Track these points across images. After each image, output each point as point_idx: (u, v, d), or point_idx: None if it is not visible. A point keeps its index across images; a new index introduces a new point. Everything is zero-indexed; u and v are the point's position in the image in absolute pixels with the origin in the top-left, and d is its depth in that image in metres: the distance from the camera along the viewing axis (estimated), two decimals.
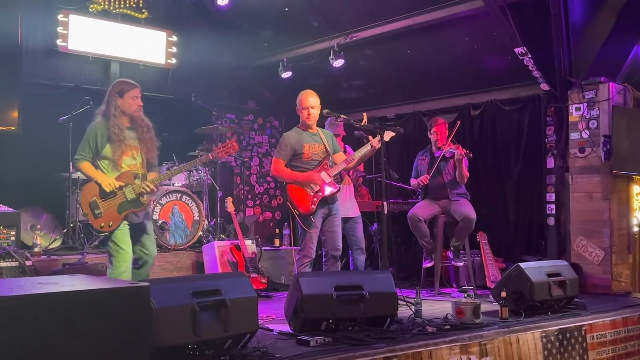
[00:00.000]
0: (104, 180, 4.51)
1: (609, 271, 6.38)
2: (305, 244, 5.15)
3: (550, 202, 7.03)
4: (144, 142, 4.72)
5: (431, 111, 8.11)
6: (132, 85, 4.74)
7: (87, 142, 4.60)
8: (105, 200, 4.51)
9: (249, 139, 9.58)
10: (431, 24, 7.13)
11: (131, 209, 4.59)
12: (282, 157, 5.23)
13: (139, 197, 4.59)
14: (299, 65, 8.31)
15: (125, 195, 4.54)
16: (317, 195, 5.13)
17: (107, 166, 4.60)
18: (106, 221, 4.52)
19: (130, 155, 4.65)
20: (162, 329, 3.06)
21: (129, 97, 4.67)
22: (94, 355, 2.29)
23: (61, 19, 7.54)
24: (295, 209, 5.10)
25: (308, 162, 5.24)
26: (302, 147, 5.22)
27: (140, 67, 8.18)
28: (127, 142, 4.63)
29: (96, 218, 4.52)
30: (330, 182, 5.20)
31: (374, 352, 3.64)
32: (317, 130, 5.37)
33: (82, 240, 6.65)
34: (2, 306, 2.08)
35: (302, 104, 5.28)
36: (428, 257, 6.53)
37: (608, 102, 6.41)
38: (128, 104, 4.66)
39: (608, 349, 5.00)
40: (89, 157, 4.60)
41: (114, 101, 4.64)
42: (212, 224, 7.38)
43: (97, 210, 4.51)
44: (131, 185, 4.56)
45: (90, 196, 4.53)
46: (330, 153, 5.33)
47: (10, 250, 5.23)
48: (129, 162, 4.63)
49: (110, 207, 4.52)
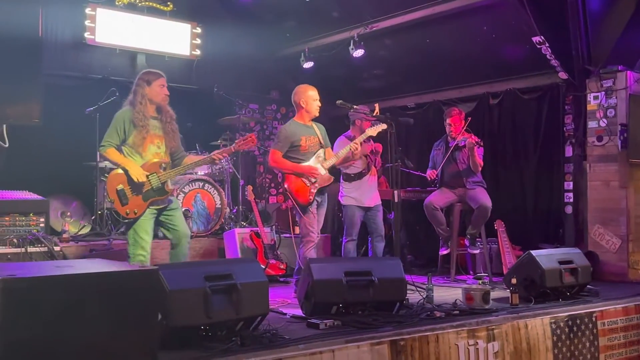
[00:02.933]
0: (133, 170, 4.64)
1: (625, 259, 6.40)
2: (307, 230, 5.32)
3: (568, 190, 7.06)
4: (167, 132, 4.86)
5: (451, 100, 8.16)
6: (158, 74, 4.90)
7: (114, 129, 4.74)
8: (133, 188, 4.66)
9: (271, 129, 9.74)
10: (450, 14, 7.17)
11: (156, 197, 4.73)
12: (279, 148, 5.37)
13: (163, 185, 4.74)
14: (320, 55, 8.42)
15: (151, 183, 4.69)
16: (314, 186, 5.30)
17: (132, 153, 4.74)
18: (131, 208, 4.66)
19: (155, 144, 4.79)
20: (175, 311, 3.24)
21: (156, 86, 4.82)
22: (107, 333, 2.47)
23: (89, 13, 7.77)
24: (295, 199, 5.27)
25: (305, 153, 5.39)
26: (299, 140, 5.37)
27: (166, 59, 8.37)
28: (151, 130, 4.77)
29: (123, 205, 4.65)
30: (326, 174, 5.38)
31: (381, 334, 3.76)
32: (311, 123, 5.52)
33: (109, 227, 6.89)
34: (20, 286, 2.26)
35: (311, 97, 5.43)
36: (444, 244, 6.62)
37: (626, 90, 6.41)
38: (155, 92, 4.81)
39: (619, 335, 5.04)
40: (115, 143, 4.74)
41: (141, 89, 4.79)
42: (234, 212, 7.57)
43: (123, 197, 4.65)
44: (157, 174, 4.71)
45: (116, 183, 4.67)
46: (324, 146, 5.49)
47: (39, 236, 5.45)
48: (153, 150, 4.77)
49: (136, 195, 4.66)
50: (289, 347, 3.44)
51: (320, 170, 5.36)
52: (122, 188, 4.65)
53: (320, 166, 5.38)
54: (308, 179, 5.31)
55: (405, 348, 3.80)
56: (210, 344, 3.34)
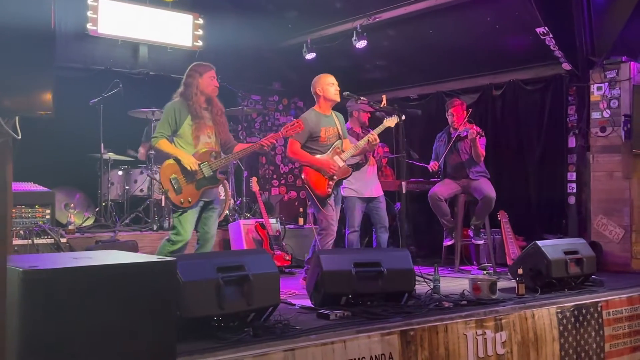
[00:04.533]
0: (186, 159, 4.71)
1: (628, 249, 6.44)
2: (327, 223, 5.30)
3: (571, 181, 7.09)
4: (217, 124, 4.94)
5: (454, 91, 8.17)
6: (209, 67, 4.96)
7: (166, 120, 4.80)
8: (186, 177, 4.72)
9: (274, 120, 9.74)
10: (453, 4, 7.15)
11: (208, 185, 4.80)
12: (298, 138, 5.34)
13: (215, 173, 4.81)
14: (323, 46, 8.40)
15: (203, 172, 4.75)
16: (332, 179, 5.30)
17: (184, 144, 4.81)
18: (185, 197, 4.71)
19: (206, 134, 4.86)
20: (188, 302, 3.27)
21: (207, 77, 4.88)
22: (126, 324, 2.49)
23: (91, 4, 7.73)
24: (313, 191, 5.26)
25: (324, 145, 5.38)
26: (319, 130, 5.35)
27: (168, 50, 8.36)
28: (204, 121, 4.84)
29: (177, 194, 4.71)
30: (344, 167, 5.37)
31: (391, 325, 3.80)
32: (331, 112, 5.50)
33: (114, 219, 6.90)
34: (42, 278, 2.28)
35: (327, 82, 5.42)
36: (449, 235, 6.65)
37: (629, 81, 6.43)
38: (207, 84, 4.87)
39: (624, 325, 5.08)
40: (167, 134, 4.80)
41: (195, 81, 4.85)
42: (238, 203, 7.58)
43: (177, 186, 4.71)
44: (208, 163, 4.77)
45: (170, 172, 4.74)
46: (342, 137, 5.48)
47: (45, 227, 5.46)
48: (205, 140, 4.84)
49: (190, 184, 4.73)
50: (300, 337, 3.47)
51: (338, 163, 5.36)
52: (176, 177, 4.72)
53: (338, 158, 5.37)
54: (325, 171, 5.31)
55: (415, 338, 3.84)
56: (224, 334, 3.37)
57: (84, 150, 7.22)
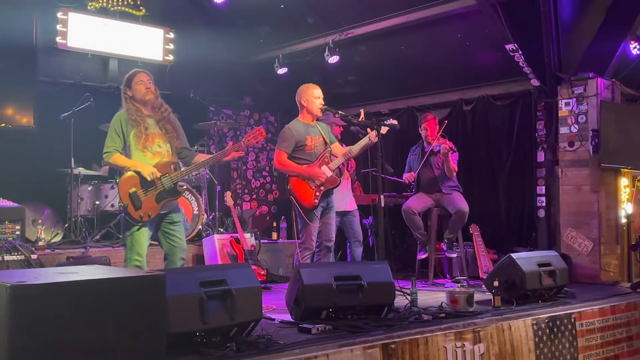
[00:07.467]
0: (145, 169, 4.50)
1: (597, 261, 6.55)
2: (307, 236, 5.27)
3: (540, 194, 7.22)
4: (165, 128, 4.71)
5: (424, 106, 8.27)
6: (135, 72, 4.76)
7: (113, 133, 4.59)
8: (146, 190, 4.51)
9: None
10: (424, 21, 7.27)
11: (168, 198, 4.59)
12: (285, 148, 5.30)
13: (175, 185, 4.61)
14: (295, 61, 8.43)
15: (163, 184, 4.55)
16: (319, 190, 5.26)
17: (136, 156, 4.58)
18: (145, 211, 4.49)
19: (156, 143, 4.65)
20: (171, 317, 3.20)
21: (135, 84, 4.69)
22: (115, 339, 2.45)
23: (60, 17, 7.65)
24: (299, 203, 5.22)
25: (310, 154, 5.34)
26: (305, 139, 5.31)
27: (139, 64, 8.23)
28: (150, 130, 4.64)
29: (136, 209, 4.48)
30: (332, 176, 5.33)
31: (373, 338, 3.80)
32: (315, 123, 5.48)
33: (84, 234, 6.79)
34: (30, 293, 2.23)
35: (312, 95, 5.36)
36: (422, 249, 6.69)
37: (596, 97, 6.58)
38: (136, 90, 4.67)
39: (597, 336, 5.18)
40: (119, 147, 4.58)
41: (124, 93, 4.70)
42: (211, 218, 7.52)
43: (137, 200, 4.49)
44: (169, 175, 4.57)
45: (129, 187, 4.50)
46: (329, 145, 5.46)
47: (16, 244, 5.36)
48: (156, 149, 4.63)
49: (149, 197, 4.52)
50: (284, 352, 3.45)
51: (326, 172, 5.32)
52: (135, 191, 4.49)
53: (326, 168, 5.32)
54: (314, 182, 5.27)
55: (396, 351, 3.85)
56: (206, 350, 3.33)
57: (53, 165, 7.11)
